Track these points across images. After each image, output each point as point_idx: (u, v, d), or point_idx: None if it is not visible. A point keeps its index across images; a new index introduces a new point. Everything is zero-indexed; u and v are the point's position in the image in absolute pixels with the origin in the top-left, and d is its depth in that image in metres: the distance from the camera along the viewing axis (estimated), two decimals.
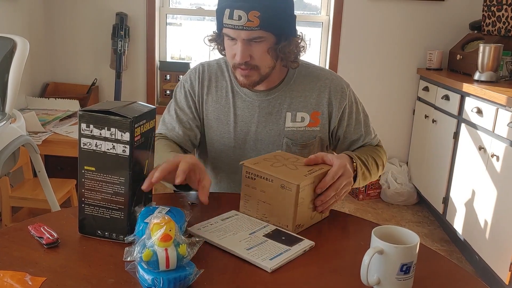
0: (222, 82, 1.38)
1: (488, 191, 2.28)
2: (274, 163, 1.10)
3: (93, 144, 0.92)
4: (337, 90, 1.35)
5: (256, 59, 1.23)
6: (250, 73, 1.24)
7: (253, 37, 1.19)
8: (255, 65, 1.23)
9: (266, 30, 1.19)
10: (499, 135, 2.20)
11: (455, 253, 2.69)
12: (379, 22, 3.30)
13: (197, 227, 1.01)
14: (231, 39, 1.22)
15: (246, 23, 1.16)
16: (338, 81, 1.37)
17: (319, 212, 1.10)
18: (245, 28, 1.17)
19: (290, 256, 0.92)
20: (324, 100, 1.34)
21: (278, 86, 1.34)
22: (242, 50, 1.20)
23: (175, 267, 0.78)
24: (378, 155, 1.36)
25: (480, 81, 2.61)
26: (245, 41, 1.20)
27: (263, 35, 1.20)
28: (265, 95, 1.34)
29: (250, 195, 1.08)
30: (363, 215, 3.11)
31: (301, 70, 1.36)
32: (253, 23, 1.16)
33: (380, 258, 0.81)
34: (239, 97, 1.36)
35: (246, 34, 1.18)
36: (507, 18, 2.71)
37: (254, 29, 1.17)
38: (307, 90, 1.34)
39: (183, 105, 1.38)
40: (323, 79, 1.35)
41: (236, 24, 1.17)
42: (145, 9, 3.27)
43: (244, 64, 1.22)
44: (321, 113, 1.34)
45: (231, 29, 1.19)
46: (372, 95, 3.39)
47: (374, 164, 1.31)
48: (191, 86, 1.38)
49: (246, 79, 1.26)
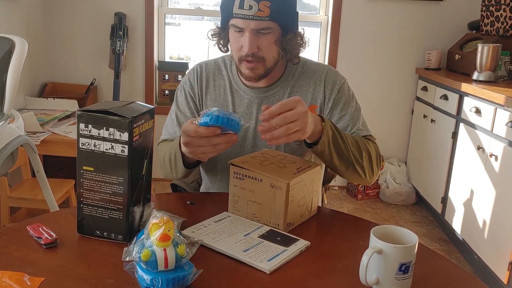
0: (220, 80, 1.39)
1: (486, 191, 2.28)
2: (262, 161, 1.10)
3: (92, 144, 0.92)
4: (330, 82, 1.35)
5: (263, 50, 1.24)
6: (256, 65, 1.26)
7: (262, 27, 1.21)
8: (261, 56, 1.25)
9: (275, 21, 1.21)
10: (497, 135, 2.20)
11: (453, 252, 2.69)
12: (378, 22, 3.31)
13: (191, 230, 1.00)
14: (239, 30, 1.23)
15: (256, 13, 1.18)
16: (333, 73, 1.37)
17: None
18: (255, 18, 1.19)
19: (287, 257, 0.92)
20: (320, 93, 1.35)
21: (277, 83, 1.35)
22: (250, 40, 1.21)
23: (173, 267, 0.78)
24: (362, 140, 1.25)
25: (479, 81, 2.61)
26: (253, 31, 1.21)
27: (272, 26, 1.22)
28: (263, 92, 1.35)
29: (239, 196, 1.08)
30: (361, 215, 3.11)
31: (299, 67, 1.38)
32: (264, 13, 1.18)
33: (379, 258, 0.81)
34: (237, 95, 1.36)
35: (255, 24, 1.20)
36: (505, 18, 2.71)
37: (264, 19, 1.19)
38: (304, 85, 1.35)
39: (184, 107, 1.39)
40: (319, 73, 1.36)
41: (247, 13, 1.18)
42: (143, 9, 3.27)
43: (251, 55, 1.23)
44: (318, 106, 1.35)
45: (240, 19, 1.20)
46: (371, 95, 3.39)
47: (353, 142, 1.20)
48: (190, 87, 1.39)
49: (252, 72, 1.27)
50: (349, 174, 1.22)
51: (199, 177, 1.52)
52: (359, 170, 1.21)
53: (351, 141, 1.19)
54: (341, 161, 1.18)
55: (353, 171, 1.21)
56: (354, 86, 1.50)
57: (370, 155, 1.23)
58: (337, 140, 1.15)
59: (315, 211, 1.15)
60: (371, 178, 1.26)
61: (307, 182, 1.08)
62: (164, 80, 3.42)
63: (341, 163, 1.18)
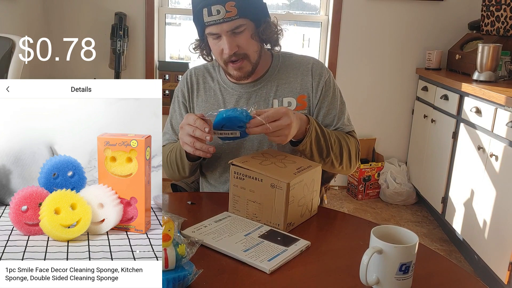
0: (210, 83, 1.43)
1: (487, 191, 2.28)
2: (262, 161, 1.10)
3: None
4: (317, 74, 1.39)
5: (243, 47, 1.28)
6: (242, 64, 1.30)
7: (235, 26, 1.25)
8: (244, 53, 1.29)
9: (244, 17, 1.26)
10: (498, 135, 2.20)
11: (454, 252, 2.69)
12: (378, 22, 3.31)
13: (191, 230, 1.01)
14: (216, 37, 1.28)
15: (225, 15, 1.23)
16: (319, 65, 1.41)
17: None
18: (226, 20, 1.24)
19: (287, 257, 0.92)
20: (308, 84, 1.38)
21: (263, 77, 1.39)
22: (228, 41, 1.26)
23: (174, 267, 0.78)
24: (344, 138, 1.34)
25: (479, 81, 2.61)
26: (229, 33, 1.26)
27: (243, 23, 1.26)
28: (251, 87, 1.39)
29: (239, 195, 1.09)
30: (362, 215, 3.11)
31: (285, 60, 1.42)
32: (232, 13, 1.23)
33: (379, 257, 0.81)
34: (227, 93, 1.40)
35: (228, 26, 1.25)
36: (506, 18, 2.71)
37: (234, 19, 1.24)
38: (291, 76, 1.39)
39: (177, 115, 1.45)
40: (306, 64, 1.40)
41: (217, 18, 1.24)
42: (144, 9, 3.27)
43: (234, 55, 1.28)
44: (307, 95, 1.38)
45: (213, 25, 1.25)
46: (371, 95, 3.39)
47: (335, 140, 1.30)
48: (182, 94, 1.45)
49: (239, 71, 1.32)
50: (326, 167, 1.32)
51: (199, 177, 1.52)
52: (336, 165, 1.32)
53: (334, 139, 1.29)
54: (320, 158, 1.28)
55: (330, 166, 1.32)
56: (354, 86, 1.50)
57: (350, 152, 1.34)
58: (319, 141, 1.25)
59: (315, 211, 1.15)
60: (348, 171, 1.38)
61: (307, 182, 1.08)
62: (165, 80, 3.42)
63: (320, 160, 1.28)
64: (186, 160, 1.27)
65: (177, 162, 1.31)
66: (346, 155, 1.33)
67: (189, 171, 1.32)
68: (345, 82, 3.26)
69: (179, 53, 3.63)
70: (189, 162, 1.27)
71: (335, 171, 1.36)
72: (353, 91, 3.31)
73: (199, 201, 1.19)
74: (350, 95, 1.31)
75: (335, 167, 1.33)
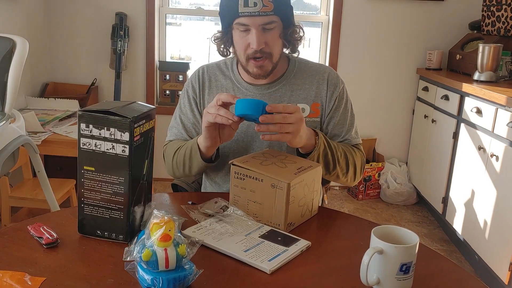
0: (223, 81, 1.41)
1: (487, 191, 2.28)
2: (263, 161, 1.10)
3: (93, 144, 0.92)
4: (332, 84, 1.39)
5: (270, 45, 1.27)
6: (264, 62, 1.29)
7: (267, 22, 1.24)
8: (269, 52, 1.28)
9: (278, 14, 1.25)
10: (498, 135, 2.20)
11: (454, 253, 2.69)
12: (379, 22, 3.31)
13: (192, 230, 1.00)
14: (244, 29, 1.26)
15: (262, 9, 1.22)
16: (334, 75, 1.42)
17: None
18: (261, 14, 1.22)
19: (288, 257, 0.92)
20: (323, 92, 1.38)
21: (279, 80, 1.38)
22: (257, 36, 1.24)
23: (174, 267, 0.78)
24: (350, 151, 1.35)
25: (480, 81, 2.61)
26: (260, 27, 1.24)
27: (276, 20, 1.26)
28: (266, 89, 1.37)
29: (240, 196, 1.09)
30: (362, 215, 3.11)
31: (301, 66, 1.41)
32: (268, 8, 1.22)
33: (380, 258, 0.81)
34: (240, 93, 1.39)
35: (261, 20, 1.23)
36: (506, 18, 2.71)
37: (269, 14, 1.23)
38: (307, 83, 1.38)
39: (186, 110, 1.42)
40: (322, 73, 1.40)
41: (252, 10, 1.22)
42: (144, 9, 3.27)
43: (260, 52, 1.26)
44: (321, 104, 1.38)
45: (246, 17, 1.23)
46: (371, 95, 3.39)
47: (342, 154, 1.30)
48: (192, 90, 1.42)
49: (260, 69, 1.30)
50: (331, 179, 1.35)
51: (200, 177, 1.52)
52: (341, 177, 1.33)
53: (340, 153, 1.30)
54: (327, 171, 1.29)
55: (335, 178, 1.34)
56: (354, 86, 1.51)
57: (355, 166, 1.34)
58: (327, 155, 1.26)
59: (316, 211, 1.15)
60: (352, 183, 1.38)
61: (307, 182, 1.08)
62: (165, 80, 3.42)
63: (326, 172, 1.29)
64: (197, 159, 1.25)
65: (184, 160, 1.29)
66: (352, 169, 1.33)
67: (197, 171, 1.30)
68: (346, 82, 3.22)
69: (180, 53, 3.64)
70: (203, 162, 1.25)
71: (339, 182, 1.37)
72: (353, 91, 3.28)
73: (199, 201, 1.19)
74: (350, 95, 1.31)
75: (340, 179, 1.33)
